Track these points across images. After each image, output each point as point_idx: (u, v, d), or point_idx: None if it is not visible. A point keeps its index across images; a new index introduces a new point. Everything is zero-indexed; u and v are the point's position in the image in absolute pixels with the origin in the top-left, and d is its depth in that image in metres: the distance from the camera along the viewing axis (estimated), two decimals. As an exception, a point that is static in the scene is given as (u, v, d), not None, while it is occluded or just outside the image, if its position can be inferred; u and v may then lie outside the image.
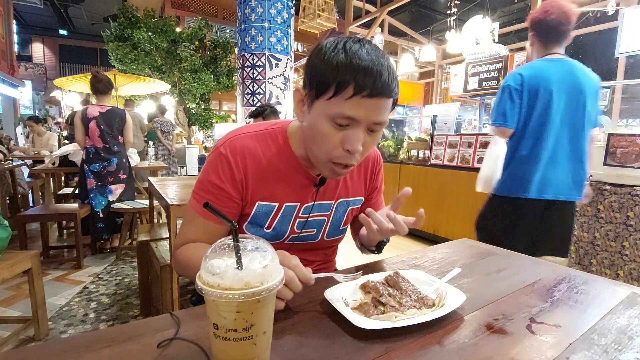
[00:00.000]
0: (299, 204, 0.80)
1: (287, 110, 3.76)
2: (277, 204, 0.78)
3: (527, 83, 1.53)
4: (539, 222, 1.60)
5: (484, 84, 3.47)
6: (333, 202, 0.85)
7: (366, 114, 0.63)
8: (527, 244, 1.61)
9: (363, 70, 0.60)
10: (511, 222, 1.61)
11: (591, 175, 2.43)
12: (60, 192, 3.78)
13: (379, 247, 0.85)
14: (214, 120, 10.96)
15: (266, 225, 0.79)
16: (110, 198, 2.94)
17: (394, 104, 0.70)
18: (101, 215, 2.91)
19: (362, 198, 0.91)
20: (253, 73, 3.56)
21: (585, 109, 1.54)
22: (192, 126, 10.99)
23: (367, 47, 0.63)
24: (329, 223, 0.86)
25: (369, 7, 5.59)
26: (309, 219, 0.83)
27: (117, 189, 2.98)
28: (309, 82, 0.67)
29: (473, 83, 3.58)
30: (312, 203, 0.81)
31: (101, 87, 2.87)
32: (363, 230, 0.86)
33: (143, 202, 2.95)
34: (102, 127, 2.84)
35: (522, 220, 1.59)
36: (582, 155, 1.59)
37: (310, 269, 0.60)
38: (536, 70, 1.54)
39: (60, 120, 10.70)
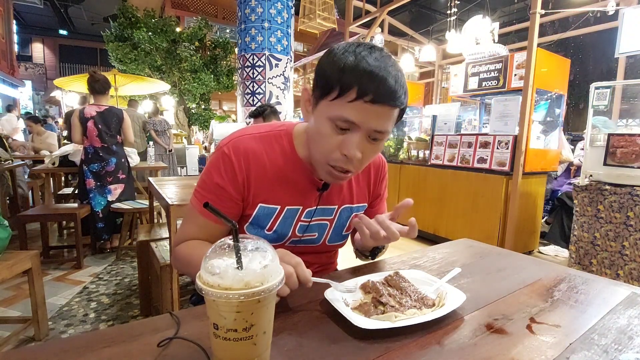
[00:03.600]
0: (301, 207, 0.79)
1: (287, 110, 3.76)
2: (278, 207, 0.77)
3: None
4: None
5: (484, 84, 3.47)
6: (336, 207, 0.84)
7: (367, 119, 0.62)
8: None
9: (368, 75, 0.60)
10: None
11: (591, 175, 2.43)
12: (60, 192, 3.78)
13: (373, 254, 0.83)
14: (213, 120, 10.96)
15: (267, 227, 0.79)
16: (110, 198, 2.94)
17: (401, 115, 0.68)
18: (100, 215, 2.91)
19: (366, 204, 0.90)
20: (253, 73, 3.56)
21: None
22: (192, 126, 10.99)
23: (376, 53, 0.62)
24: (332, 228, 0.85)
25: (369, 7, 5.57)
26: (310, 223, 0.82)
27: (117, 189, 2.98)
28: (316, 83, 0.67)
29: (473, 83, 3.58)
30: (315, 207, 0.81)
31: (98, 87, 2.87)
32: (357, 235, 0.85)
33: (143, 202, 2.94)
34: (99, 126, 2.84)
35: None
36: None
37: (310, 271, 0.60)
38: None
39: (60, 120, 10.70)
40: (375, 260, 0.87)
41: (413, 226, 0.69)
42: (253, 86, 3.59)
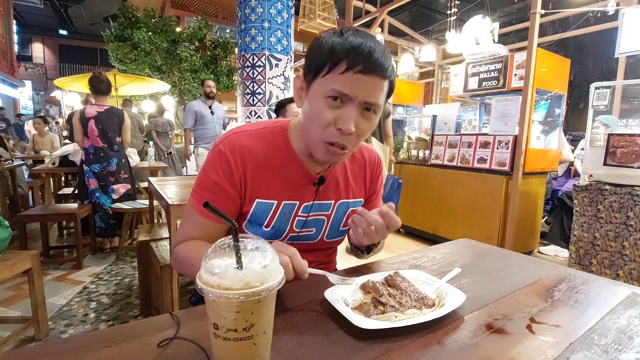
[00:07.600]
0: (298, 202, 0.80)
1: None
2: (275, 202, 0.78)
3: None
4: None
5: (484, 84, 3.47)
6: (333, 202, 0.85)
7: (358, 90, 0.65)
8: None
9: (356, 48, 0.64)
10: None
11: (591, 176, 2.43)
12: (60, 192, 3.78)
13: (368, 248, 0.84)
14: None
15: (265, 224, 0.79)
16: (114, 196, 2.95)
17: (390, 92, 0.71)
18: (110, 212, 2.93)
19: (362, 200, 0.91)
20: (253, 73, 3.56)
21: None
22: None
23: (361, 33, 0.67)
24: (329, 223, 0.86)
25: (369, 7, 5.57)
26: (308, 218, 0.83)
27: (120, 189, 2.99)
28: (307, 68, 0.70)
29: (473, 83, 3.57)
30: (312, 202, 0.82)
31: (102, 88, 2.88)
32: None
33: (143, 202, 2.95)
34: (100, 126, 2.85)
35: None
36: None
37: (306, 261, 0.61)
38: None
39: (60, 120, 10.71)
40: (371, 259, 0.88)
41: (385, 214, 0.70)
42: (253, 86, 3.59)
